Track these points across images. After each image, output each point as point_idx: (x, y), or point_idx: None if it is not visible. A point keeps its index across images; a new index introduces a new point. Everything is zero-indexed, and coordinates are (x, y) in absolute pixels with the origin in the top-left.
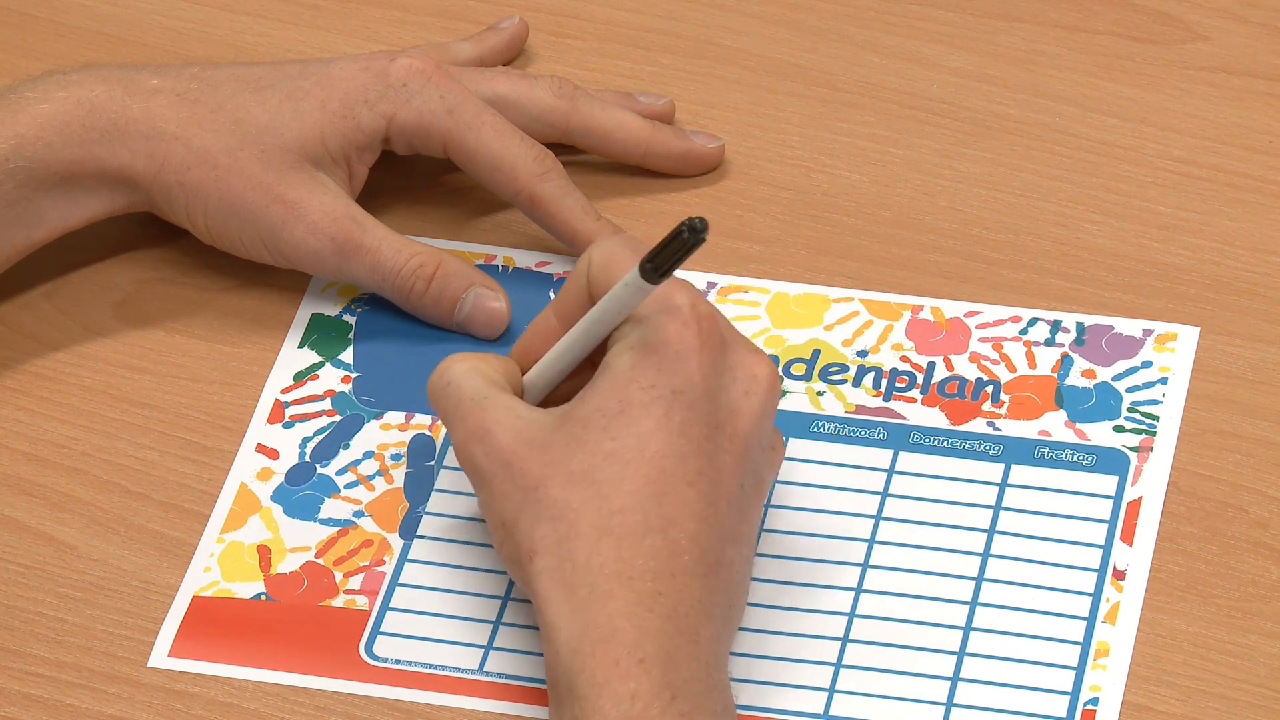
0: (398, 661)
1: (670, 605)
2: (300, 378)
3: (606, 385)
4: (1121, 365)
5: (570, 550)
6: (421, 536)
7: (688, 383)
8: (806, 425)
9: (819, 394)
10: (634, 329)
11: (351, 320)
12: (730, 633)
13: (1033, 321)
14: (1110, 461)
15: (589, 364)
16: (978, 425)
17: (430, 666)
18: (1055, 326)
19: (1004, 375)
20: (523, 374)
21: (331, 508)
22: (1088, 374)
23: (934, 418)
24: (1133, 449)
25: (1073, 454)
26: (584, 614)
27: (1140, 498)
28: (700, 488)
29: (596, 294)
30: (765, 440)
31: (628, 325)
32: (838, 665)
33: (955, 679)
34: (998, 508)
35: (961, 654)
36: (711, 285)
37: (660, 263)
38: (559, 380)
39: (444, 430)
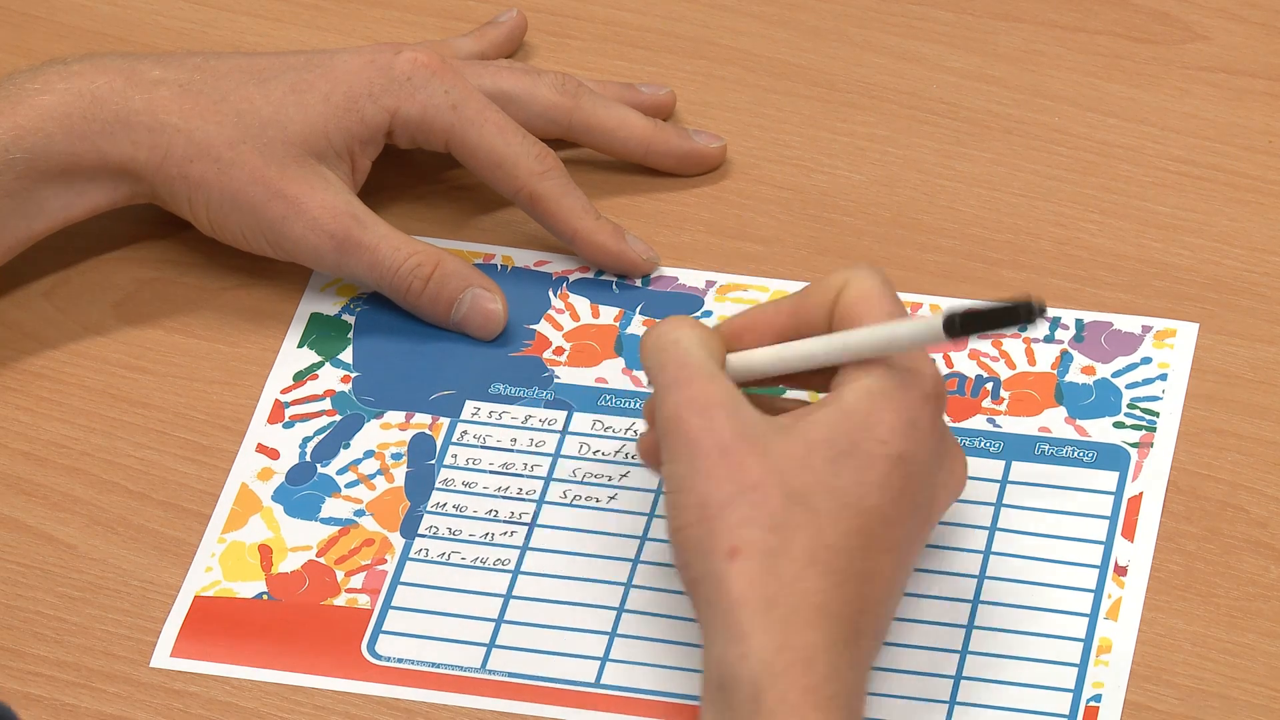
0: (400, 660)
1: (856, 656)
2: (300, 377)
3: (840, 420)
4: (1121, 361)
5: (778, 566)
6: (423, 535)
7: (915, 452)
8: None
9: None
10: (879, 376)
11: (351, 319)
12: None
13: None
14: (1110, 458)
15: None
16: (978, 422)
17: (433, 665)
18: (1054, 323)
19: (1004, 372)
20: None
21: (332, 507)
22: (1087, 370)
23: None
24: (1133, 445)
25: (1073, 450)
26: (784, 632)
27: (1141, 494)
28: (895, 555)
29: (839, 319)
30: (931, 532)
31: (873, 366)
32: None
33: (958, 677)
34: (999, 504)
35: (964, 652)
36: (710, 284)
37: (976, 325)
38: (771, 376)
39: (444, 429)
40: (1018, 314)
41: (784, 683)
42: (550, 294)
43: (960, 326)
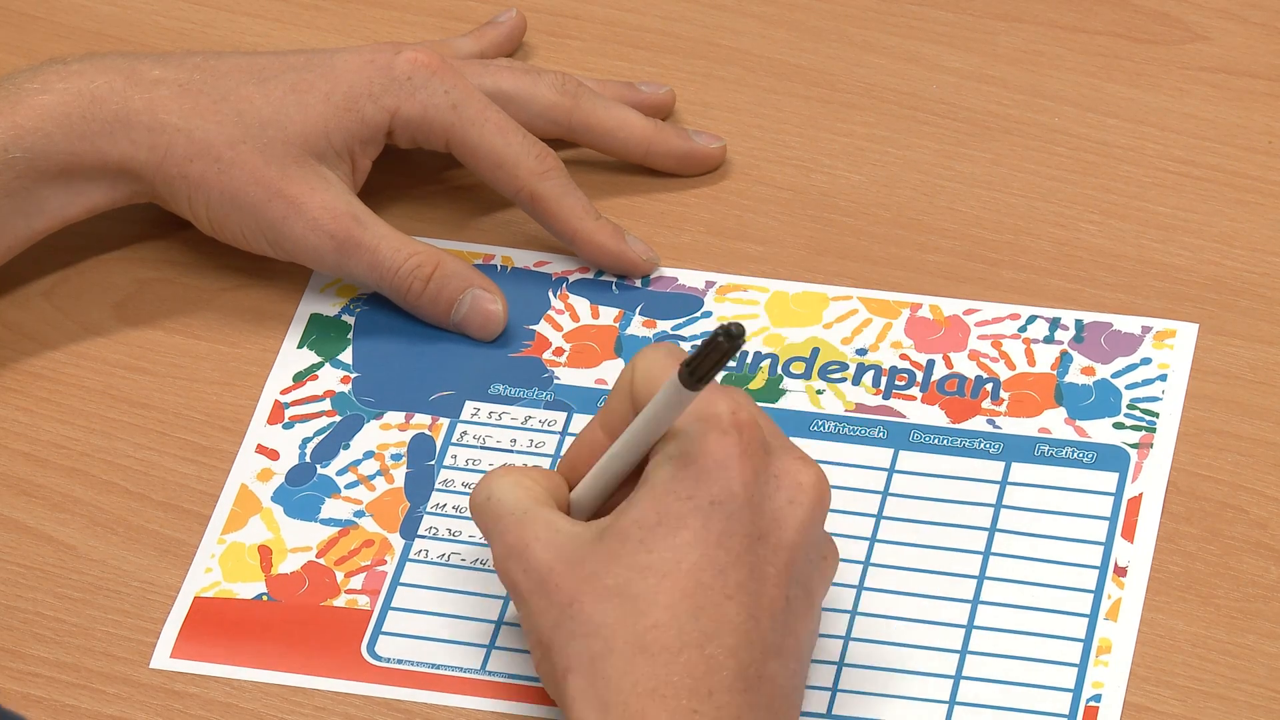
0: (400, 661)
1: (718, 715)
2: (300, 378)
3: (644, 497)
4: (1121, 362)
5: (603, 669)
6: (423, 536)
7: (727, 493)
8: (806, 424)
9: (818, 392)
10: (673, 440)
11: (350, 320)
12: None
13: (1031, 319)
14: (1110, 458)
15: (635, 476)
16: (978, 423)
17: (433, 666)
18: (1054, 324)
19: (1003, 373)
20: (570, 489)
21: (332, 508)
22: (1087, 371)
23: (934, 416)
24: (1133, 446)
25: (1073, 451)
26: None
27: (1141, 494)
28: (740, 600)
29: (640, 405)
30: (814, 550)
31: (668, 435)
32: (840, 664)
33: (958, 677)
34: (998, 506)
35: (964, 652)
36: (710, 284)
37: (699, 370)
38: (606, 495)
39: (444, 430)
40: (719, 343)
41: None
42: (550, 294)
43: (690, 375)
